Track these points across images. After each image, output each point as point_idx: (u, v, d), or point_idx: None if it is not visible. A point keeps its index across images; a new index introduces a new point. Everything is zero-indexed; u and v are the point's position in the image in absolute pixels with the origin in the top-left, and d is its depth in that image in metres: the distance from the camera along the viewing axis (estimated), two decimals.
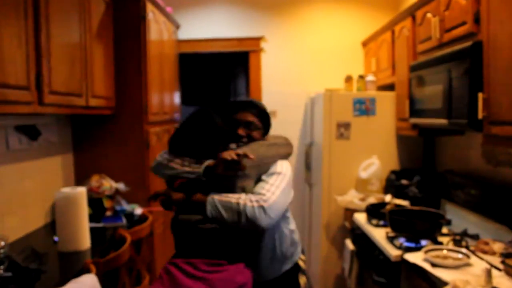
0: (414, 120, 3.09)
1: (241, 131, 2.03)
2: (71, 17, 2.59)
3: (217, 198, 1.81)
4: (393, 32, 3.59)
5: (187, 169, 1.87)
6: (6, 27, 1.91)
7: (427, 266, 2.18)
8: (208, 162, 1.84)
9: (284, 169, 1.95)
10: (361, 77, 3.91)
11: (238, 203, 1.78)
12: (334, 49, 4.57)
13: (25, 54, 2.08)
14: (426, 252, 2.30)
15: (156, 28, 3.63)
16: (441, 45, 2.69)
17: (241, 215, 1.76)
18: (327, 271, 3.86)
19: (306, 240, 4.39)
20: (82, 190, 2.47)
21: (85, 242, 2.47)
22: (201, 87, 5.99)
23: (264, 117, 2.11)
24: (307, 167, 4.37)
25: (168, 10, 4.02)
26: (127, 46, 3.31)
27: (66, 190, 2.46)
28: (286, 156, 2.06)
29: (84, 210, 2.47)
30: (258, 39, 4.59)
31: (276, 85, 4.62)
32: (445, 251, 2.33)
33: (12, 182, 2.60)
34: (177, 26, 4.49)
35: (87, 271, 2.07)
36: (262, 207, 1.78)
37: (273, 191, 1.84)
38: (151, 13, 3.47)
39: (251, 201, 1.78)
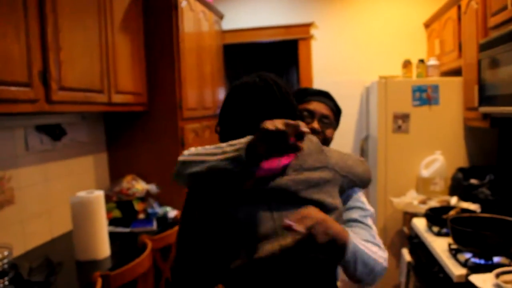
0: (485, 109, 2.61)
1: (316, 125, 1.59)
2: (86, 9, 2.40)
3: (358, 244, 1.22)
4: (459, 8, 3.09)
5: (219, 156, 1.21)
6: None
7: None
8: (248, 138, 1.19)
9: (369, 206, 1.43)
10: (421, 61, 3.44)
11: (375, 260, 1.25)
12: (393, 33, 4.09)
13: (25, 48, 1.90)
14: (498, 275, 1.82)
15: (192, 18, 3.39)
16: None
17: (372, 272, 1.25)
18: (384, 283, 3.44)
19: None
20: (99, 194, 2.28)
21: (104, 250, 2.28)
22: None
23: (337, 115, 1.70)
24: None
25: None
26: (159, 38, 3.10)
27: (82, 194, 2.27)
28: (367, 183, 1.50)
29: (102, 216, 2.28)
30: (307, 26, 4.22)
31: (329, 74, 4.23)
32: None
33: (32, 185, 2.46)
34: (221, 16, 4.24)
35: (92, 286, 1.86)
36: (383, 267, 1.30)
37: (379, 241, 1.34)
38: (185, 1, 3.23)
39: (383, 258, 1.28)
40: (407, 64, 3.50)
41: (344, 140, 4.21)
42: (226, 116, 1.34)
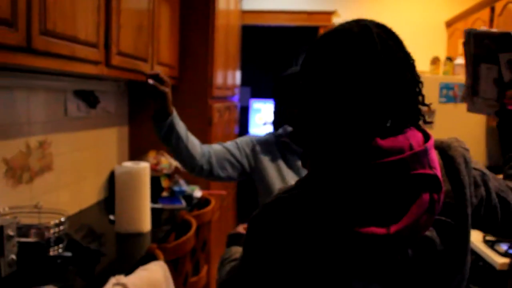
0: None
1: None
2: None
3: None
4: (492, 9, 3.15)
5: None
6: None
7: None
8: None
9: None
10: (449, 59, 3.49)
11: None
12: (414, 29, 4.12)
13: (96, 7, 1.81)
14: None
15: None
16: None
17: None
18: None
19: None
20: (145, 166, 2.20)
21: (146, 224, 2.20)
22: (255, 65, 5.62)
23: None
24: None
25: None
26: (195, 13, 3.02)
27: (128, 164, 2.19)
28: None
29: (146, 188, 2.20)
30: (329, 14, 4.20)
31: None
32: None
33: (67, 152, 2.35)
34: None
35: (153, 257, 1.81)
36: None
37: None
38: None
39: None
40: (435, 61, 3.54)
41: None
42: (309, 91, 0.88)
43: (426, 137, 0.92)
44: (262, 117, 7.39)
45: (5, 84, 1.83)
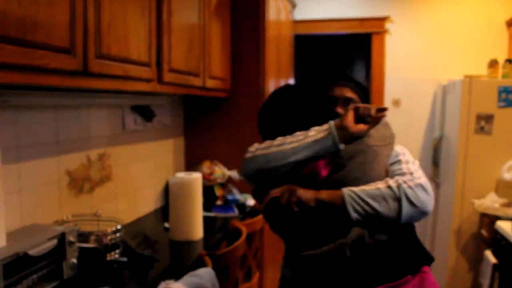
0: None
1: (340, 109, 1.57)
2: None
3: (355, 189, 1.36)
4: None
5: (308, 139, 1.37)
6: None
7: None
8: (332, 121, 1.40)
9: (402, 148, 1.54)
10: (509, 61, 3.35)
11: (389, 187, 1.34)
12: (471, 30, 3.98)
13: (148, 29, 1.94)
14: None
15: (275, 6, 3.39)
16: None
17: (401, 200, 1.32)
18: (456, 284, 3.39)
19: (428, 246, 3.92)
20: (197, 176, 2.30)
21: (198, 232, 2.30)
22: (313, 73, 5.65)
23: (364, 93, 1.66)
24: (434, 163, 3.89)
25: None
26: (245, 25, 3.10)
27: (181, 175, 2.30)
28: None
29: (198, 198, 2.30)
30: (382, 20, 4.15)
31: (401, 71, 4.15)
32: None
33: (125, 164, 2.51)
34: (293, 5, 4.21)
35: (202, 263, 1.89)
36: (421, 186, 1.36)
37: (416, 169, 1.43)
38: None
39: (404, 182, 1.36)
40: (493, 63, 3.41)
41: (412, 138, 4.14)
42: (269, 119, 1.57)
43: None
44: None
45: (67, 103, 2.00)
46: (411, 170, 1.42)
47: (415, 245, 1.43)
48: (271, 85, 3.33)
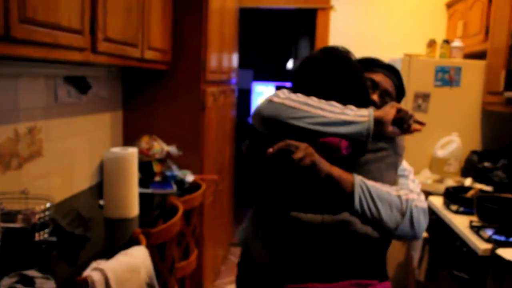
0: (511, 94, 2.65)
1: (375, 97, 1.50)
2: None
3: (369, 182, 1.30)
4: None
5: (344, 117, 1.28)
6: None
7: None
8: (372, 110, 1.32)
9: (408, 165, 1.52)
10: (446, 42, 3.45)
11: (399, 197, 1.30)
12: (414, 11, 4.08)
13: None
14: None
15: None
16: None
17: (405, 215, 1.29)
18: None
19: None
20: (133, 151, 2.22)
21: (134, 209, 2.23)
22: (257, 48, 5.62)
23: (399, 95, 1.59)
24: None
25: None
26: None
27: (116, 150, 2.21)
28: None
29: (134, 174, 2.23)
30: None
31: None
32: None
33: (58, 138, 2.38)
34: None
35: (136, 241, 1.84)
36: (423, 211, 1.33)
37: (420, 191, 1.40)
38: None
39: (413, 199, 1.32)
40: (431, 43, 3.50)
41: None
42: (297, 91, 1.39)
43: None
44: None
45: None
46: (418, 191, 1.39)
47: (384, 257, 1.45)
48: (214, 59, 3.26)
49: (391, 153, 1.37)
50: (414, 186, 1.40)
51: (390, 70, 1.59)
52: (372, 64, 1.60)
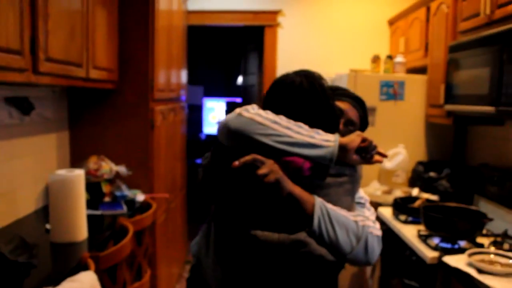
0: (450, 107, 2.77)
1: (340, 125, 1.50)
2: None
3: (328, 205, 1.32)
4: (428, 9, 3.25)
5: (310, 139, 1.29)
6: None
7: (473, 272, 1.92)
8: (338, 136, 1.32)
9: (364, 194, 1.55)
10: (390, 57, 3.58)
11: (356, 222, 1.34)
12: (358, 27, 4.22)
13: (19, 13, 1.75)
14: (470, 255, 2.04)
15: None
16: (490, 23, 2.37)
17: (360, 241, 1.32)
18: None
19: None
20: (80, 173, 2.15)
21: (82, 232, 2.16)
22: (207, 65, 5.63)
23: (363, 126, 1.63)
24: None
25: None
26: (134, 14, 2.96)
27: (62, 172, 2.14)
28: None
29: (81, 196, 2.16)
30: (275, 13, 4.23)
31: (293, 64, 4.15)
32: (492, 256, 2.08)
33: (0, 161, 2.28)
34: None
35: (85, 267, 1.78)
36: (377, 239, 1.37)
37: (375, 220, 1.44)
38: None
39: (368, 226, 1.36)
40: (376, 59, 3.63)
41: None
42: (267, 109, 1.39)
43: None
44: (215, 115, 7.38)
45: None
46: (373, 219, 1.42)
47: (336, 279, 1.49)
48: (162, 77, 3.24)
49: (350, 180, 1.40)
50: (369, 214, 1.44)
51: (357, 101, 1.62)
52: (340, 93, 1.63)
